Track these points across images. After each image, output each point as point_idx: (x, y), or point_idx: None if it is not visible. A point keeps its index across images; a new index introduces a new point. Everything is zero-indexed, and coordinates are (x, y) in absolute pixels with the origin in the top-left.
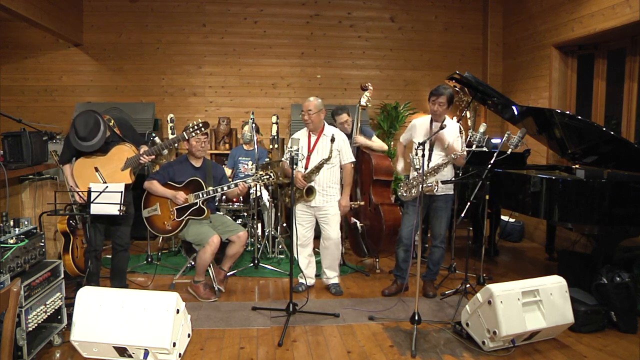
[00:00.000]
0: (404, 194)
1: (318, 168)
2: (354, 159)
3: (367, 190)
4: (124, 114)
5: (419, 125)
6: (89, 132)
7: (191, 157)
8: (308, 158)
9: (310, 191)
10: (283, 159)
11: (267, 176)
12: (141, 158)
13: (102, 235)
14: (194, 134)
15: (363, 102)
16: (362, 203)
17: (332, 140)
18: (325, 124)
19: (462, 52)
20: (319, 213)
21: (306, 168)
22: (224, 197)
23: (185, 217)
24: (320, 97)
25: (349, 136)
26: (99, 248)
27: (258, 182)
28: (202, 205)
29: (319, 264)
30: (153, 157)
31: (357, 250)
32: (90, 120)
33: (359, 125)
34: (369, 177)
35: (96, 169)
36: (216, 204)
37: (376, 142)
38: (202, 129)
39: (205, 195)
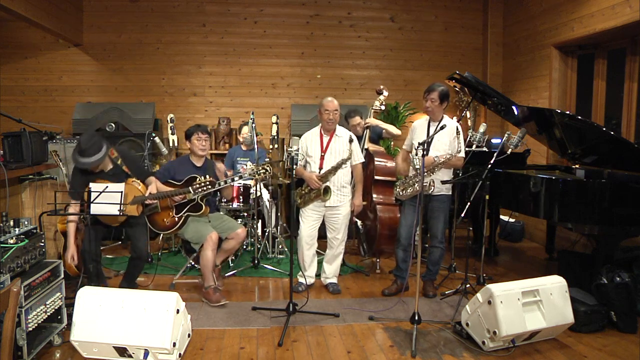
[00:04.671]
0: (400, 193)
1: (336, 168)
2: (363, 160)
3: (369, 190)
4: (125, 149)
5: (418, 127)
6: (90, 147)
7: (193, 156)
8: (322, 158)
9: (327, 191)
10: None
11: (264, 170)
12: (147, 200)
13: (98, 242)
14: (199, 191)
15: (377, 105)
16: (365, 203)
17: (351, 140)
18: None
19: (462, 52)
20: (330, 213)
21: (320, 168)
22: (222, 198)
23: (184, 213)
24: (320, 97)
25: (360, 138)
26: (94, 256)
27: (254, 177)
28: (199, 201)
29: (320, 263)
30: (157, 202)
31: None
32: (96, 138)
33: (366, 122)
34: (370, 176)
35: None
36: (216, 203)
37: (390, 127)
38: (210, 187)
39: (201, 190)
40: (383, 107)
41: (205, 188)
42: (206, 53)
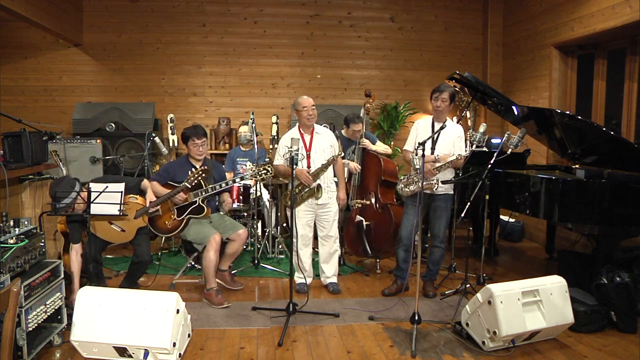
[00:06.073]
0: (403, 188)
1: (326, 166)
2: (342, 153)
3: (374, 190)
4: (104, 177)
5: (422, 125)
6: (60, 190)
7: (191, 157)
8: (308, 157)
9: (319, 189)
10: (276, 162)
11: (265, 171)
12: (150, 209)
13: (99, 247)
14: (191, 180)
15: (368, 106)
16: (368, 202)
17: (337, 137)
18: None
19: (462, 52)
20: (321, 211)
21: (308, 167)
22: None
23: (186, 215)
24: (320, 97)
25: (356, 143)
26: (95, 259)
27: (256, 177)
28: (201, 204)
29: (317, 263)
30: (159, 207)
31: (358, 249)
32: (66, 180)
33: (364, 131)
34: (377, 177)
35: (110, 222)
36: (217, 204)
37: (380, 147)
38: (203, 175)
39: (204, 193)
40: (372, 109)
41: (198, 176)
42: (206, 53)
